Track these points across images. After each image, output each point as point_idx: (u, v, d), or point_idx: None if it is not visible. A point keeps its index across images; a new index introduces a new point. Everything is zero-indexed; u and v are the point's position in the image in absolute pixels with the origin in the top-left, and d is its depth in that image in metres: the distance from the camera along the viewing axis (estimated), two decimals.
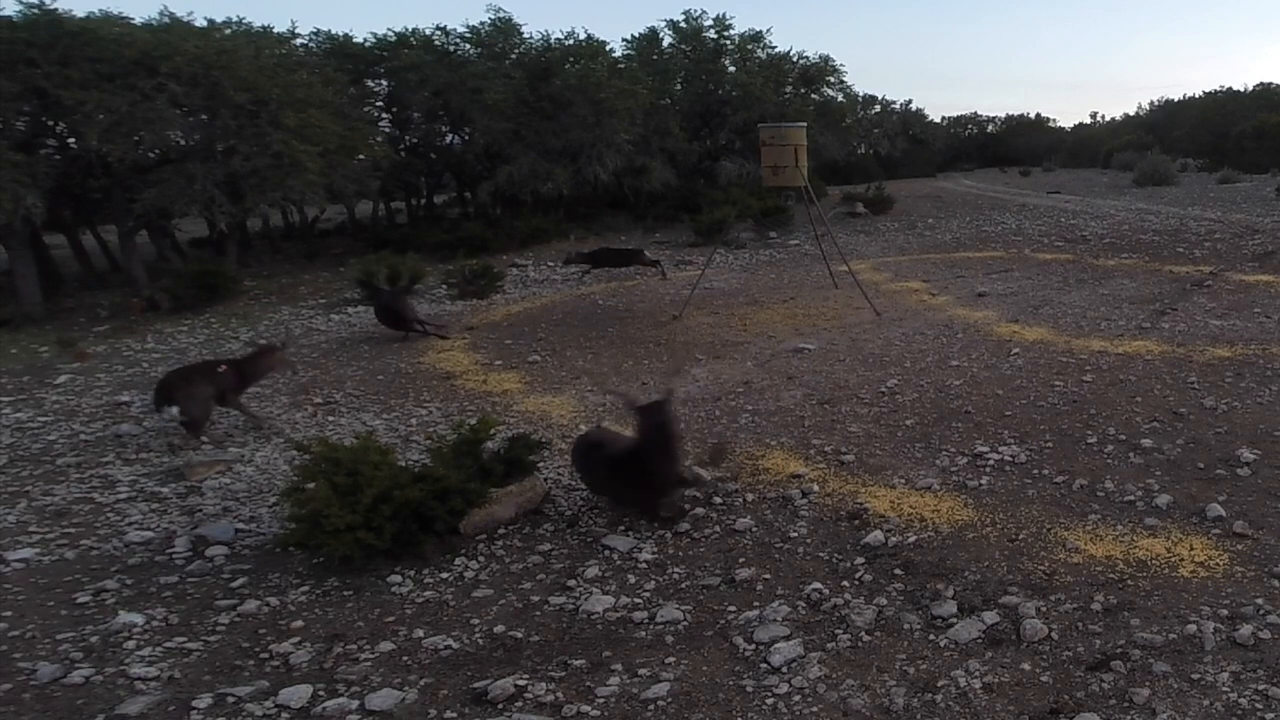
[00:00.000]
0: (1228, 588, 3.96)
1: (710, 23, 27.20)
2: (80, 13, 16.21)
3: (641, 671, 3.56)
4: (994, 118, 71.29)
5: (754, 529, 4.86)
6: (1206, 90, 60.55)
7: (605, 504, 5.30)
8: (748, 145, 24.84)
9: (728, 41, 27.52)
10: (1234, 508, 4.75)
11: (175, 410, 6.75)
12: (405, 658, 3.76)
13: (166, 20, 16.03)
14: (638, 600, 4.16)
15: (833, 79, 28.98)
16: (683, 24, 27.15)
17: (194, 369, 7.29)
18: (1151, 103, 68.08)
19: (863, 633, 3.76)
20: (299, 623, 4.07)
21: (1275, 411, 6.33)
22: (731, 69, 27.65)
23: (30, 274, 13.79)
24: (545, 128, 21.95)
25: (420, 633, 3.96)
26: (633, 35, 28.05)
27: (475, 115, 21.32)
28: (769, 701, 3.32)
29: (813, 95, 28.76)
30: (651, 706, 3.33)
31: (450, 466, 4.69)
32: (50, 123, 14.35)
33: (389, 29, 28.55)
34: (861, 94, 39.82)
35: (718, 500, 5.27)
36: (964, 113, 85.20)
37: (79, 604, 4.35)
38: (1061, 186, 34.39)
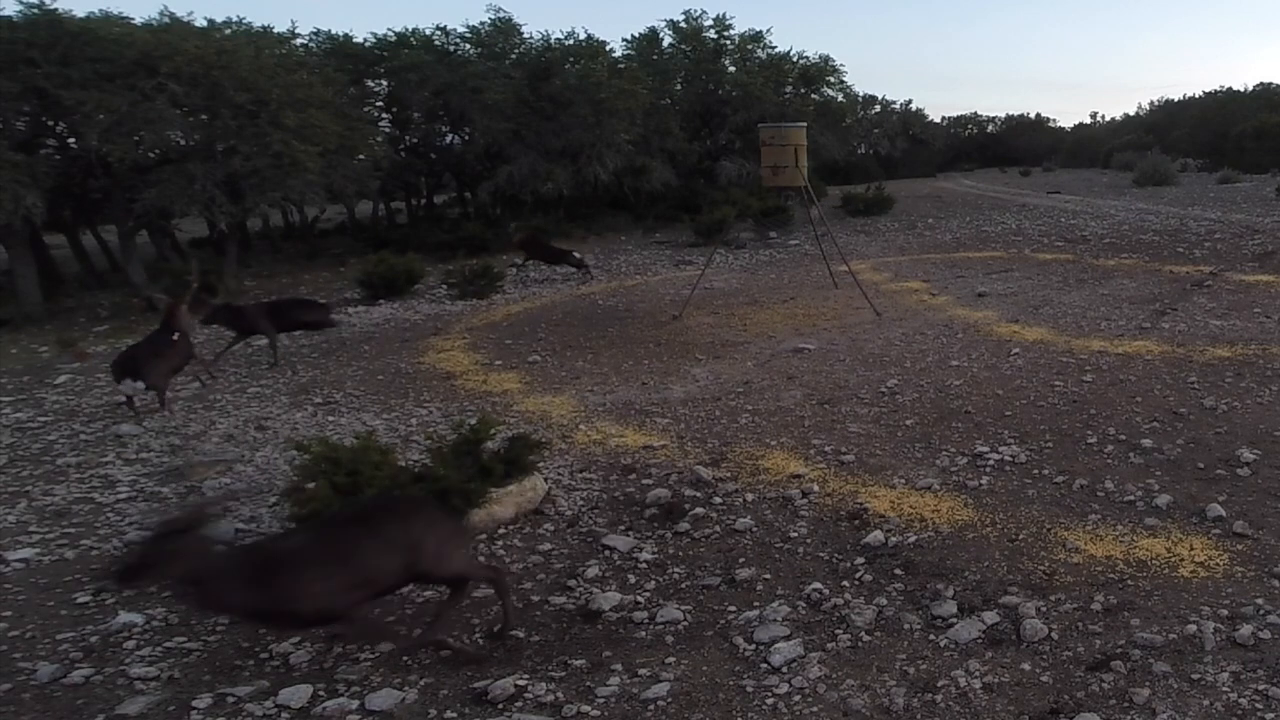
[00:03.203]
0: (1228, 588, 3.96)
1: (710, 23, 27.26)
2: (80, 13, 16.29)
3: (641, 671, 3.56)
4: (994, 118, 71.47)
5: (754, 529, 4.86)
6: (1206, 90, 60.64)
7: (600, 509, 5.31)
8: (748, 145, 24.86)
9: (728, 41, 27.55)
10: (1234, 508, 4.75)
11: (135, 385, 7.23)
12: (405, 658, 3.76)
13: (166, 20, 16.05)
14: (638, 600, 4.16)
15: (833, 79, 29.04)
16: (683, 24, 27.18)
17: (153, 345, 7.67)
18: (1151, 103, 68.13)
19: (863, 633, 3.76)
20: None
21: (1275, 411, 6.33)
22: (731, 69, 27.67)
23: (30, 274, 13.79)
24: (545, 128, 21.96)
25: (420, 632, 3.95)
26: (633, 35, 28.11)
27: (475, 115, 21.33)
28: (769, 701, 3.32)
29: (813, 95, 28.78)
30: (651, 706, 3.33)
31: (450, 466, 4.68)
32: (50, 123, 14.36)
33: (389, 29, 28.60)
34: (861, 94, 39.94)
35: (718, 500, 5.27)
36: (964, 113, 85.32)
37: (79, 604, 4.35)
38: (1061, 186, 34.40)
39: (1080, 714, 3.15)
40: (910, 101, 76.60)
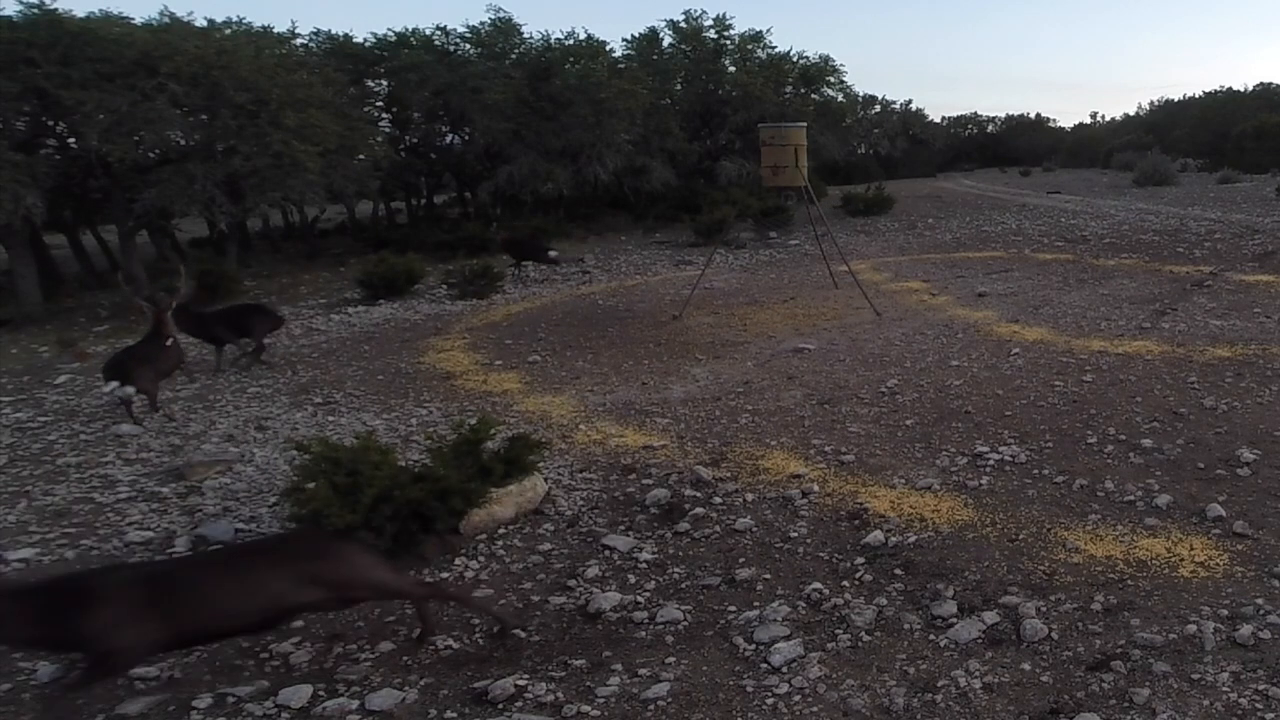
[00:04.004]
0: (1228, 588, 3.96)
1: (710, 23, 27.26)
2: (80, 13, 16.27)
3: (641, 671, 3.56)
4: (994, 118, 71.47)
5: (754, 529, 4.86)
6: (1206, 90, 60.74)
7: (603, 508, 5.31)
8: (748, 145, 24.86)
9: (728, 41, 27.55)
10: (1234, 508, 4.75)
11: (118, 387, 7.27)
12: (405, 658, 3.76)
13: (166, 20, 16.05)
14: (638, 600, 4.16)
15: (833, 79, 29.04)
16: (683, 24, 27.18)
17: (145, 349, 7.76)
18: (1151, 103, 68.28)
19: (863, 633, 3.76)
20: (299, 623, 4.07)
21: (1275, 411, 6.33)
22: (731, 69, 27.67)
23: (30, 274, 13.79)
24: (545, 128, 21.96)
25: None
26: (633, 35, 28.11)
27: (475, 115, 21.33)
28: (769, 701, 3.32)
29: (813, 95, 28.77)
30: (651, 706, 3.33)
31: (450, 466, 4.68)
32: (50, 123, 14.35)
33: (389, 29, 28.62)
34: (861, 94, 39.89)
35: (718, 500, 5.27)
36: (964, 113, 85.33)
37: None
38: (1061, 186, 34.40)
39: (1080, 714, 3.15)
40: (910, 101, 76.64)
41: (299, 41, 21.20)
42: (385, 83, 23.45)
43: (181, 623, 3.35)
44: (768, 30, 33.97)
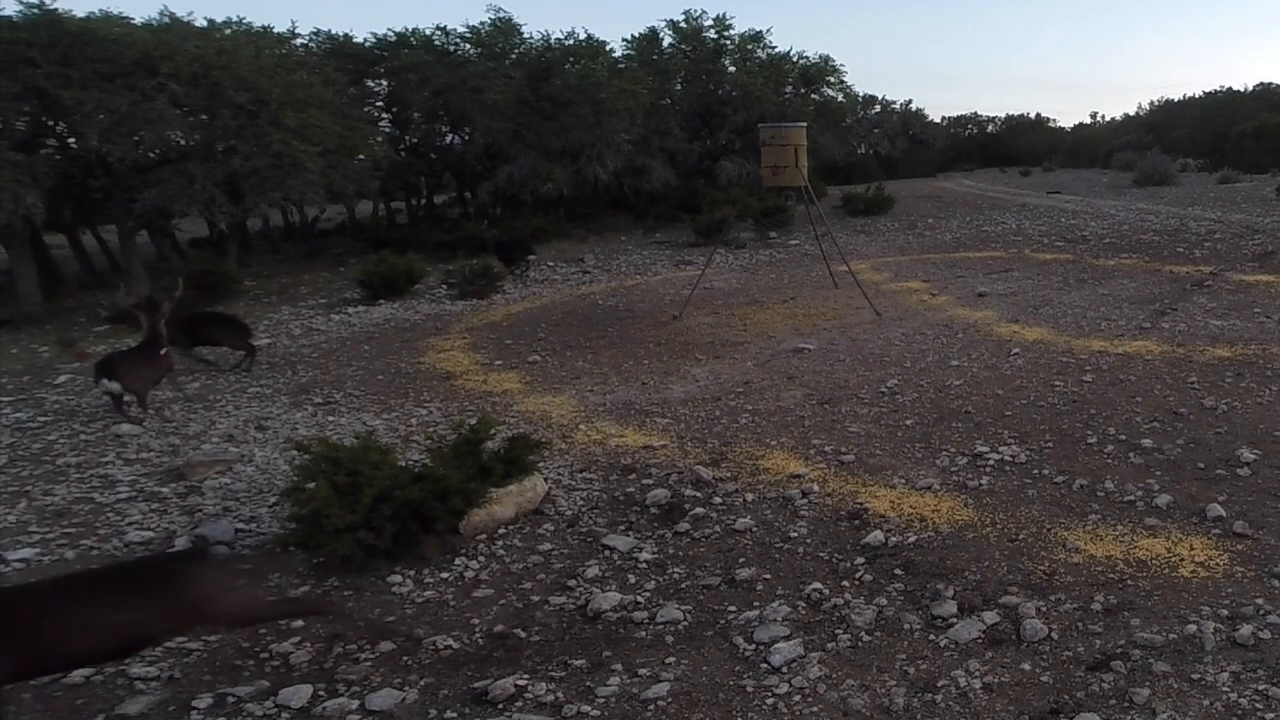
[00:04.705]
0: (1228, 588, 3.96)
1: (710, 23, 27.25)
2: (80, 13, 16.23)
3: (641, 671, 3.56)
4: (994, 118, 71.48)
5: (754, 529, 4.86)
6: (1206, 90, 60.81)
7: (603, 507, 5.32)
8: (748, 145, 24.84)
9: (728, 41, 27.54)
10: (1234, 508, 4.75)
11: (112, 384, 7.38)
12: (405, 658, 3.76)
13: (166, 20, 16.04)
14: (638, 600, 4.16)
15: (833, 79, 29.01)
16: (683, 24, 27.17)
17: (139, 354, 7.78)
18: (1151, 103, 68.34)
19: (863, 633, 3.76)
20: (299, 623, 4.07)
21: (1275, 411, 6.33)
22: (731, 69, 27.66)
23: (30, 274, 13.78)
24: (545, 128, 21.95)
25: (420, 632, 3.96)
26: (633, 35, 28.08)
27: (475, 115, 21.33)
28: (769, 701, 3.32)
29: (813, 95, 28.76)
30: (651, 706, 3.33)
31: (450, 466, 4.68)
32: (50, 123, 14.35)
33: (389, 29, 28.59)
34: (861, 94, 39.73)
35: (718, 500, 5.27)
36: (964, 113, 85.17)
37: None
38: (1062, 186, 34.41)
39: (1080, 714, 3.15)
40: (910, 101, 76.36)
41: (299, 41, 21.21)
42: (385, 83, 23.45)
43: (14, 659, 3.01)
44: (768, 30, 33.93)
